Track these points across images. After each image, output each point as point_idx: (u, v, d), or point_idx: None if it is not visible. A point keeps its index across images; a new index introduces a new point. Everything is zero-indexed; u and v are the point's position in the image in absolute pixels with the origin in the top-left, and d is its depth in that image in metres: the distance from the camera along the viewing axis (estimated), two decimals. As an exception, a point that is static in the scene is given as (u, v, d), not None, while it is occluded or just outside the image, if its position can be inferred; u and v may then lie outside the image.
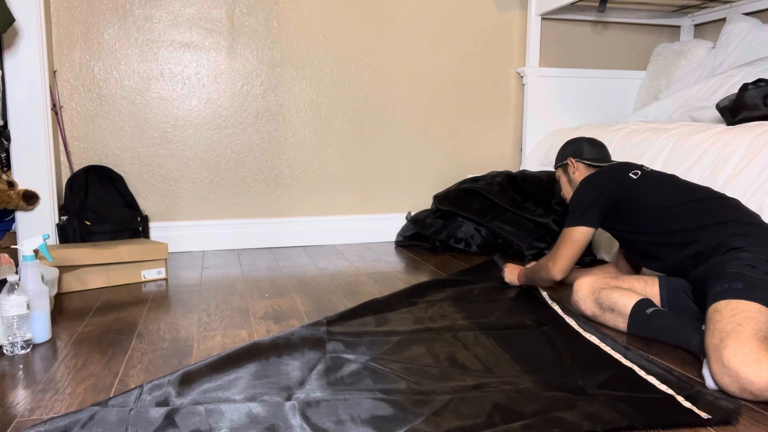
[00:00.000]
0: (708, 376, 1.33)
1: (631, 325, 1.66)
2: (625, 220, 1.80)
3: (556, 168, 2.14)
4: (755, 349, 1.24)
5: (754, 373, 1.22)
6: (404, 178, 3.17)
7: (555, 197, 2.84)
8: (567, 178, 2.09)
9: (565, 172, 2.10)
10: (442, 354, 1.51)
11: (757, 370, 1.21)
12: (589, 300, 1.78)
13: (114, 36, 2.74)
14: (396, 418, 1.17)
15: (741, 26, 2.84)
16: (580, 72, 3.25)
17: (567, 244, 1.87)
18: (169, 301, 2.05)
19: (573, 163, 2.05)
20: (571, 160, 2.06)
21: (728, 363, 1.25)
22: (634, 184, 1.80)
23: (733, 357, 1.25)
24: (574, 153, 2.06)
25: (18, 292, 1.53)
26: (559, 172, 2.13)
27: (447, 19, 3.12)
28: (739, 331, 1.29)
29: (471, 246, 2.79)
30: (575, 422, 1.15)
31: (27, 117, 2.44)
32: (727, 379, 1.25)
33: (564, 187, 2.12)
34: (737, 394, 1.25)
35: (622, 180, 1.83)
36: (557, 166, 2.13)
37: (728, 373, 1.25)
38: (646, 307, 1.65)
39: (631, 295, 1.70)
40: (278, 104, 2.96)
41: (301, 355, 1.49)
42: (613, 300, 1.71)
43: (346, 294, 2.12)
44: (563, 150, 2.10)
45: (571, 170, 2.06)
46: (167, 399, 1.24)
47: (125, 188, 2.76)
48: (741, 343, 1.26)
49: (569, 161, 2.06)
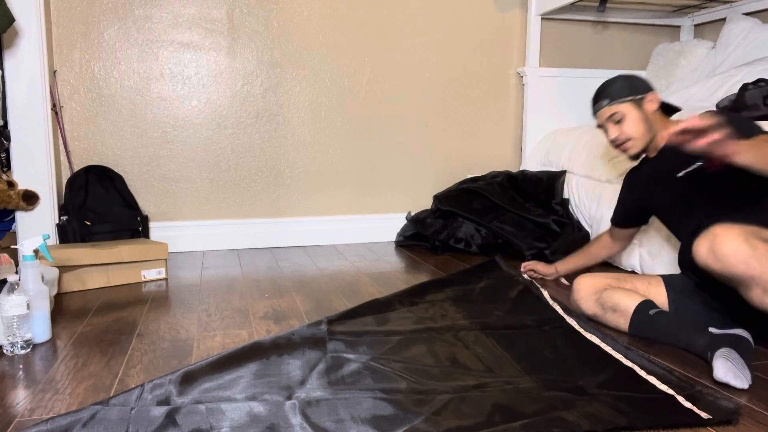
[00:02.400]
0: (717, 366, 1.35)
1: (633, 325, 1.66)
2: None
3: (624, 101, 1.78)
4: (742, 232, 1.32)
5: (729, 242, 1.30)
6: (404, 178, 3.17)
7: (555, 197, 2.84)
8: (641, 115, 1.77)
9: (639, 107, 1.78)
10: (442, 354, 1.51)
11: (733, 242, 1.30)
12: (591, 300, 1.78)
13: (114, 36, 2.74)
14: (396, 418, 1.17)
15: (741, 26, 2.84)
16: (580, 72, 3.25)
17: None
18: (169, 301, 2.05)
19: (654, 99, 1.78)
20: (652, 96, 1.78)
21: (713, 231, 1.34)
22: None
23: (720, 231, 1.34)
24: (652, 87, 1.80)
25: (18, 292, 1.53)
26: (628, 107, 1.78)
27: (447, 19, 3.12)
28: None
29: (471, 246, 2.79)
30: (575, 422, 1.15)
31: (27, 117, 2.44)
32: (705, 242, 1.35)
33: (633, 125, 1.77)
34: (705, 257, 1.35)
35: None
36: (625, 100, 1.78)
37: (707, 237, 1.34)
38: (649, 308, 1.65)
39: (634, 296, 1.69)
40: (278, 104, 2.96)
41: (301, 354, 1.49)
42: (616, 300, 1.71)
43: (346, 294, 2.12)
44: (632, 82, 1.80)
45: (651, 106, 1.78)
46: (168, 398, 1.24)
47: (125, 188, 2.76)
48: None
49: (650, 97, 1.78)
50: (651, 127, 1.77)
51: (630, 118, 1.77)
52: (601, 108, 1.83)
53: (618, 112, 1.78)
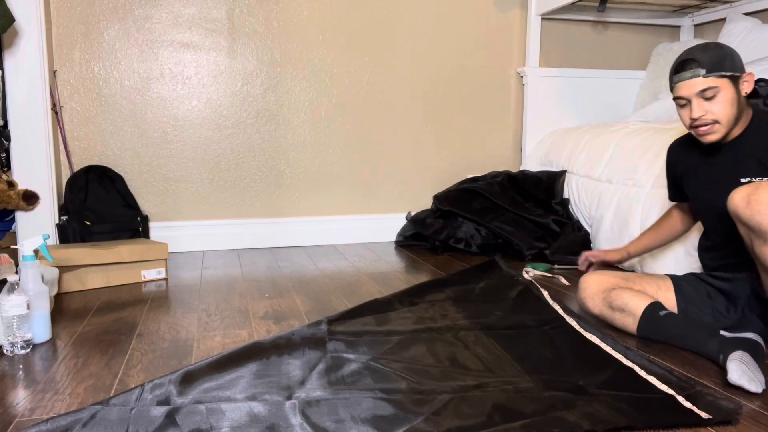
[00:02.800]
0: (732, 369, 1.33)
1: (642, 326, 1.62)
2: None
3: (723, 75, 1.52)
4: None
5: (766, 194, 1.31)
6: (404, 178, 3.17)
7: (555, 197, 2.84)
8: (735, 96, 1.54)
9: (735, 86, 1.54)
10: (442, 354, 1.51)
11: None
12: (598, 298, 1.74)
13: (114, 36, 2.74)
14: (396, 418, 1.17)
15: (741, 26, 2.84)
16: (580, 72, 3.25)
17: None
18: (169, 301, 2.05)
19: (751, 82, 1.55)
20: (749, 78, 1.55)
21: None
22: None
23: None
24: (743, 67, 1.56)
25: (18, 292, 1.53)
26: (725, 83, 1.52)
27: (447, 19, 3.13)
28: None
29: (471, 246, 2.79)
30: (575, 422, 1.15)
31: (27, 117, 2.44)
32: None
33: (726, 106, 1.53)
34: (737, 202, 1.36)
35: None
36: (725, 75, 1.52)
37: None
38: (658, 309, 1.61)
39: (644, 296, 1.65)
40: (278, 104, 2.96)
41: (301, 354, 1.49)
42: (624, 300, 1.66)
43: (346, 294, 2.12)
44: (733, 56, 1.54)
45: (746, 87, 1.55)
46: (168, 398, 1.24)
47: (125, 188, 2.76)
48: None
49: (748, 77, 1.55)
50: (739, 114, 1.55)
51: (724, 97, 1.53)
52: (694, 77, 1.53)
53: (715, 87, 1.52)
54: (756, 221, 1.33)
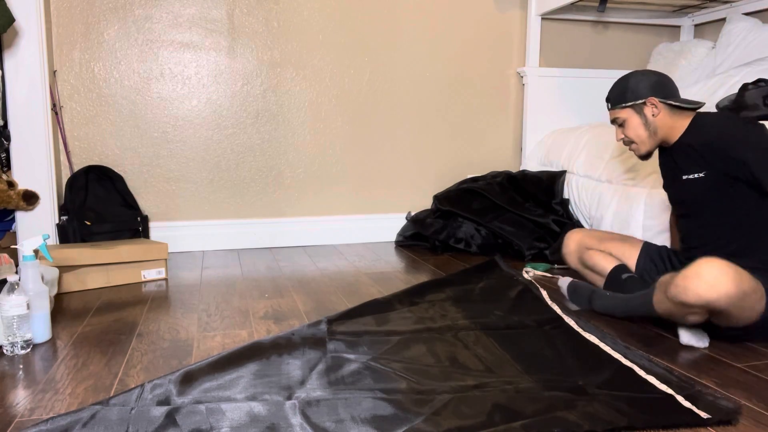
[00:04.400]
0: (682, 333, 1.59)
1: (607, 286, 1.92)
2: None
3: (623, 107, 1.79)
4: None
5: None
6: (404, 178, 3.17)
7: (555, 197, 2.84)
8: (642, 120, 1.76)
9: (639, 112, 1.77)
10: (442, 354, 1.51)
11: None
12: (575, 256, 2.08)
13: (114, 36, 2.74)
14: (396, 418, 1.17)
15: (741, 26, 2.84)
16: (580, 72, 3.25)
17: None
18: (169, 301, 2.05)
19: (656, 104, 1.74)
20: (653, 101, 1.74)
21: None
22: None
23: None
24: (655, 91, 1.74)
25: (18, 292, 1.53)
26: (628, 112, 1.78)
27: (447, 19, 3.13)
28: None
29: (471, 246, 2.79)
30: (575, 422, 1.15)
31: (27, 117, 2.44)
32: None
33: (634, 130, 1.78)
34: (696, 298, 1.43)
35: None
36: (625, 106, 1.78)
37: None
38: (621, 272, 1.90)
39: (611, 259, 1.96)
40: (278, 104, 2.96)
41: (301, 354, 1.49)
42: (595, 261, 1.99)
43: (346, 294, 2.12)
44: (635, 86, 1.76)
45: (651, 111, 1.75)
46: (168, 398, 1.24)
47: (125, 188, 2.76)
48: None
49: (650, 102, 1.74)
50: (655, 132, 1.76)
51: (630, 123, 1.79)
52: (608, 110, 1.90)
53: (619, 117, 1.81)
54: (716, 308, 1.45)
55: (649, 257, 1.93)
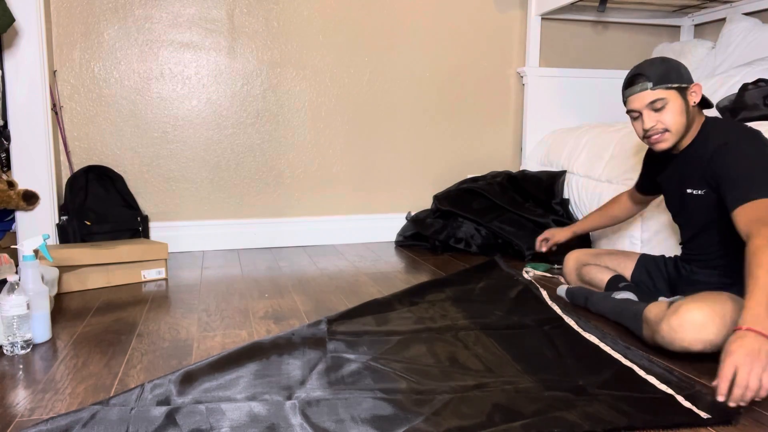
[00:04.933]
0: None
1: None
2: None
3: (669, 87, 1.60)
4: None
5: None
6: (404, 178, 3.17)
7: (555, 197, 2.84)
8: (683, 106, 1.61)
9: (683, 97, 1.61)
10: (442, 354, 1.51)
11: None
12: (574, 273, 2.09)
13: (114, 36, 2.74)
14: (396, 418, 1.17)
15: (741, 26, 2.84)
16: (580, 72, 3.25)
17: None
18: (169, 301, 2.05)
19: (698, 92, 1.62)
20: (696, 88, 1.62)
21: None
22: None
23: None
24: (691, 78, 1.63)
25: (18, 292, 1.53)
26: (672, 94, 1.60)
27: (447, 19, 3.12)
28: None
29: (471, 246, 2.79)
30: (575, 422, 1.15)
31: (27, 117, 2.44)
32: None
33: (675, 115, 1.61)
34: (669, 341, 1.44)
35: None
36: (671, 87, 1.60)
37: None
38: (618, 282, 1.92)
39: (607, 272, 1.98)
40: (278, 104, 2.96)
41: (301, 354, 1.49)
42: (591, 275, 2.01)
43: (346, 294, 2.12)
44: (678, 68, 1.62)
45: (694, 98, 1.62)
46: (168, 398, 1.24)
47: (125, 188, 2.76)
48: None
49: (694, 89, 1.62)
50: (689, 123, 1.63)
51: (673, 107, 1.60)
52: (642, 90, 1.62)
53: (663, 99, 1.60)
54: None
55: (644, 269, 1.92)
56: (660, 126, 1.62)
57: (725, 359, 1.15)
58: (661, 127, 1.62)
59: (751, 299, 1.22)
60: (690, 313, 1.39)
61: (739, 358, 1.13)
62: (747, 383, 1.12)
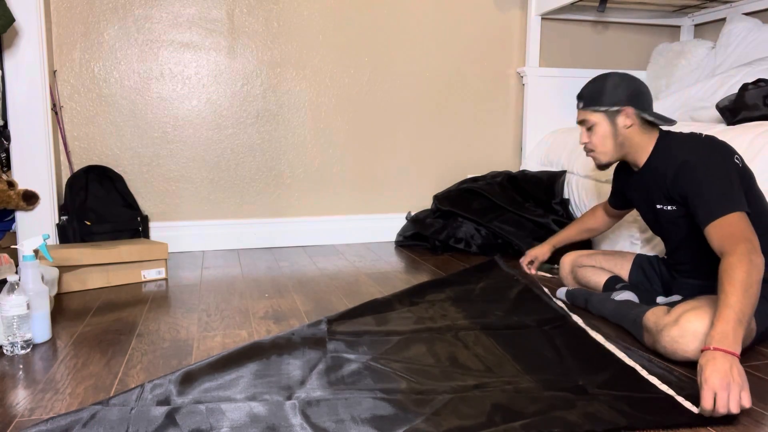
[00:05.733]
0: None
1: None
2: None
3: (596, 110, 1.63)
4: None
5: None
6: (404, 178, 3.17)
7: (555, 197, 2.84)
8: (612, 129, 1.63)
9: (612, 121, 1.63)
10: (442, 354, 1.51)
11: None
12: (570, 276, 2.11)
13: (114, 36, 2.74)
14: (396, 418, 1.17)
15: (741, 26, 2.84)
16: (580, 72, 3.25)
17: (746, 227, 1.38)
18: (169, 301, 2.05)
19: (631, 115, 1.61)
20: (629, 111, 1.61)
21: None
22: (747, 171, 1.53)
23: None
24: (632, 100, 1.60)
25: (18, 292, 1.53)
26: (599, 117, 1.64)
27: (447, 19, 3.13)
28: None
29: (471, 246, 2.79)
30: (575, 422, 1.15)
31: (27, 117, 2.44)
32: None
33: (601, 139, 1.65)
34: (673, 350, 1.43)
35: (741, 163, 1.51)
36: (598, 109, 1.63)
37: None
38: (615, 283, 1.92)
39: (603, 273, 1.98)
40: (278, 104, 2.96)
41: (301, 354, 1.49)
42: (588, 277, 2.02)
43: (346, 294, 2.12)
44: (613, 89, 1.61)
45: (624, 122, 1.62)
46: (168, 398, 1.24)
47: (125, 188, 2.76)
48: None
49: (626, 111, 1.61)
50: (622, 145, 1.65)
51: (598, 131, 1.65)
52: (577, 107, 1.72)
53: (588, 120, 1.67)
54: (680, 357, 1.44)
55: (640, 269, 1.93)
56: (589, 145, 1.70)
57: (703, 386, 1.15)
58: (590, 146, 1.70)
59: (719, 318, 1.23)
60: (690, 324, 1.39)
61: (715, 383, 1.13)
62: (727, 408, 1.12)
